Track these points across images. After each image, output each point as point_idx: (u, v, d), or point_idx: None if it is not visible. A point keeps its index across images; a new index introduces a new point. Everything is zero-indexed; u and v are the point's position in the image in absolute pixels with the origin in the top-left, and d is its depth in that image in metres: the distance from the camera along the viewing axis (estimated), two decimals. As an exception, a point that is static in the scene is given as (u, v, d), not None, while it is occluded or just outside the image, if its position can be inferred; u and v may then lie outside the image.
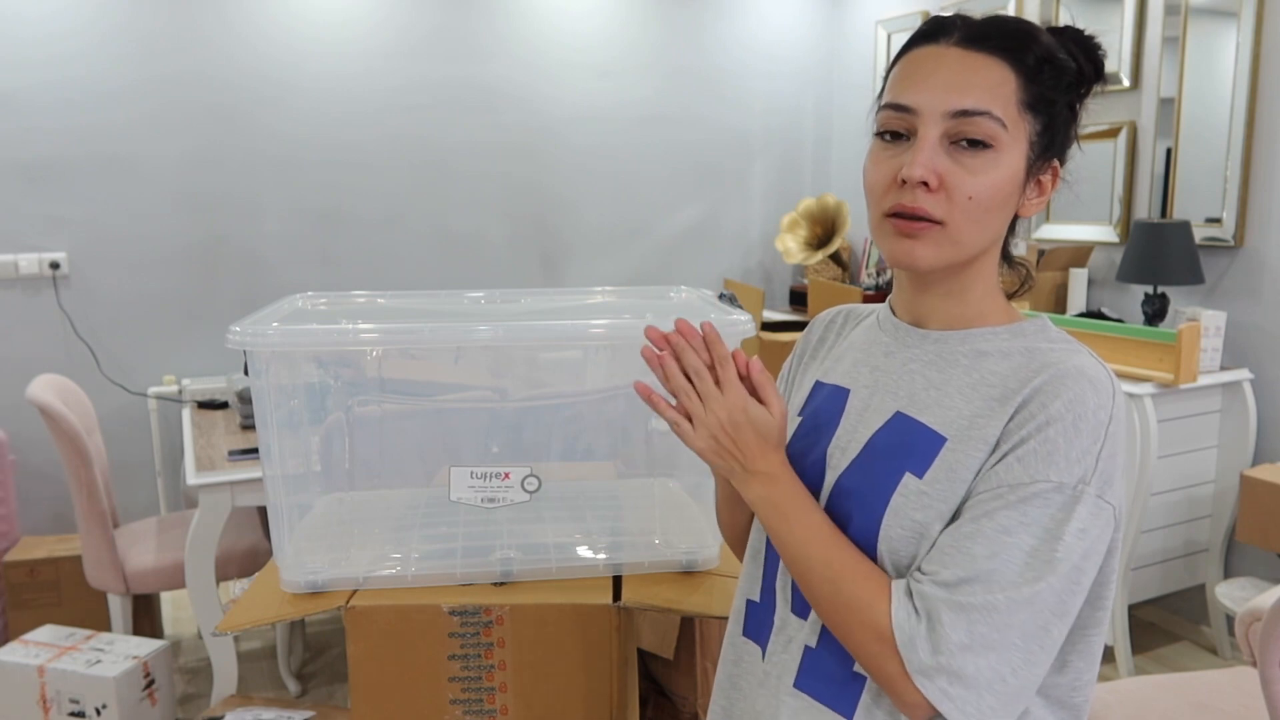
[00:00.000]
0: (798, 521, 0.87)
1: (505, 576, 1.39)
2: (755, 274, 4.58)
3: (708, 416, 0.88)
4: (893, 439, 0.90)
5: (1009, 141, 0.85)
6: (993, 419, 0.85)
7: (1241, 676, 2.00)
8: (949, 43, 0.87)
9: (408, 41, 3.80)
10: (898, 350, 0.96)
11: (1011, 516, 0.80)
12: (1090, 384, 0.83)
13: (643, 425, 1.48)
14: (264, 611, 1.33)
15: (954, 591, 0.79)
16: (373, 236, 3.86)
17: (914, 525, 0.85)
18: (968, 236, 0.87)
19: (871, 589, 0.83)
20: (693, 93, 4.31)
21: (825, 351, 1.07)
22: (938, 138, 0.85)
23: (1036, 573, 0.79)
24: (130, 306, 3.53)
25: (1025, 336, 0.91)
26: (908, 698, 0.81)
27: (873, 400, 0.94)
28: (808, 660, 0.92)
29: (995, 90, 0.85)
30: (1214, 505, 2.95)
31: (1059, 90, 0.88)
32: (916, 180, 0.84)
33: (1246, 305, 2.92)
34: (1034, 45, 0.87)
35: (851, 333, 1.05)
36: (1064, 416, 0.81)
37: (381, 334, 1.29)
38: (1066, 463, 0.80)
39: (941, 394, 0.90)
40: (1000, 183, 0.86)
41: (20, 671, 2.37)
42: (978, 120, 0.84)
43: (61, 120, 3.36)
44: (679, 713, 1.78)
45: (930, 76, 0.86)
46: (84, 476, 2.61)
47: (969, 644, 0.78)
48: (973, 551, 0.80)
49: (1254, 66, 2.82)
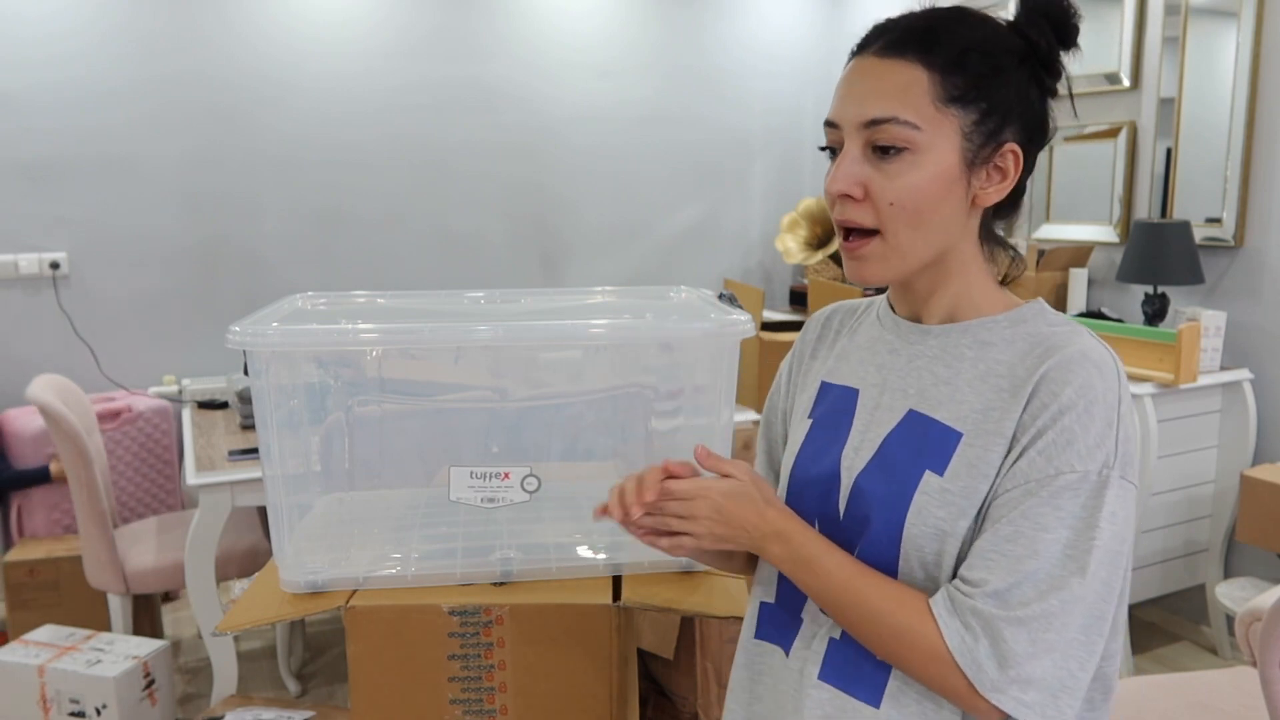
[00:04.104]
0: (822, 570, 0.89)
1: (505, 576, 1.39)
2: (755, 274, 4.58)
3: (696, 525, 0.91)
4: (908, 438, 0.90)
5: (928, 141, 0.86)
6: (1006, 411, 0.85)
7: (1241, 676, 2.00)
8: (870, 52, 0.89)
9: (408, 41, 3.80)
10: (902, 347, 0.96)
11: (1044, 511, 0.81)
12: (1096, 368, 0.83)
13: (643, 425, 1.48)
14: (264, 611, 1.33)
15: (1008, 605, 0.80)
16: (373, 236, 3.86)
17: (937, 523, 0.85)
18: (906, 241, 0.88)
19: (912, 613, 0.84)
20: (693, 93, 4.31)
21: (826, 350, 1.06)
22: (859, 149, 0.88)
23: (1080, 564, 0.80)
24: (130, 306, 3.53)
25: (1026, 322, 0.91)
26: (980, 709, 0.82)
27: (883, 399, 0.94)
28: (832, 652, 0.92)
29: (905, 93, 0.86)
30: (1214, 505, 2.95)
31: (999, 72, 0.87)
32: (837, 193, 0.88)
33: (1246, 305, 2.92)
34: (947, 39, 0.86)
35: (854, 330, 1.05)
36: (1076, 404, 0.82)
37: (381, 334, 1.29)
38: (1087, 450, 0.81)
39: (952, 389, 0.90)
40: (922, 183, 0.86)
41: (20, 671, 2.38)
42: (885, 127, 0.86)
43: (61, 120, 3.36)
44: (679, 713, 1.78)
45: (849, 90, 0.89)
46: (84, 476, 2.61)
47: (1034, 652, 0.80)
48: (1014, 554, 0.81)
49: (1254, 66, 2.82)
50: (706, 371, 1.42)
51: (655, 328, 1.36)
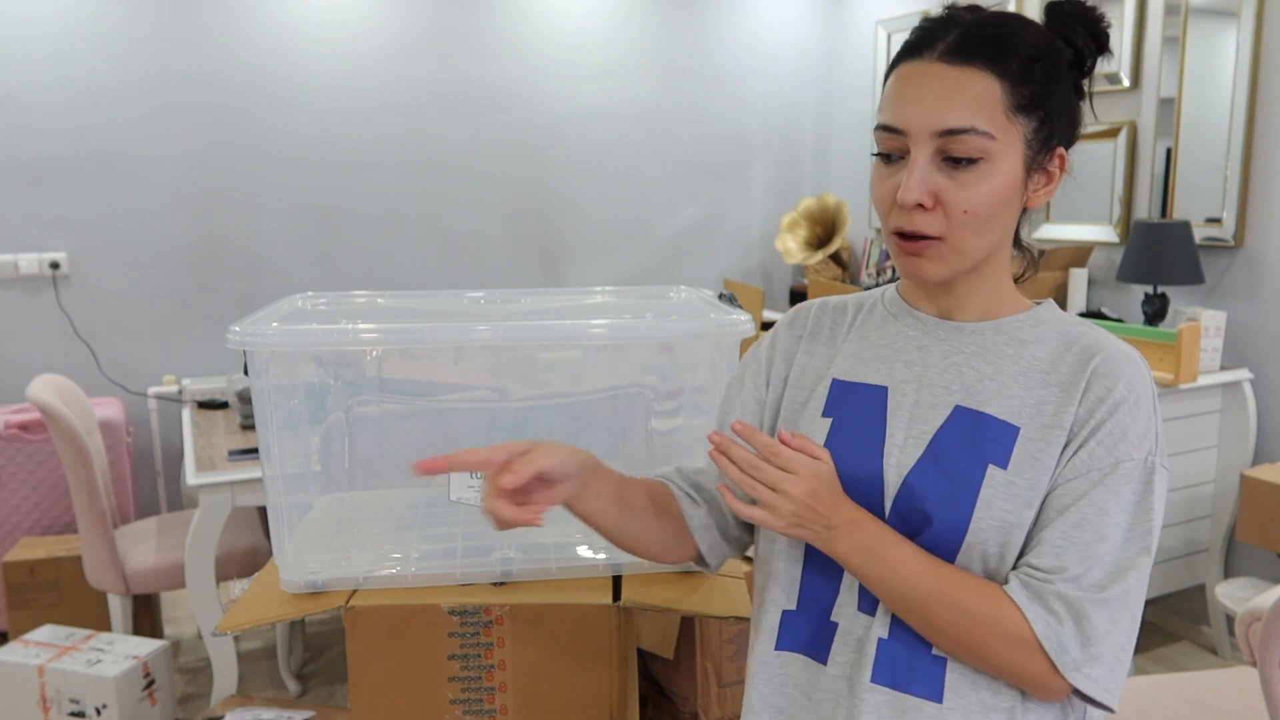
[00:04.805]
0: (895, 559, 0.88)
1: (505, 576, 1.39)
2: (755, 274, 4.58)
3: (784, 502, 0.87)
4: (961, 433, 0.90)
5: (1000, 150, 0.87)
6: (1064, 405, 0.89)
7: (1241, 676, 2.00)
8: (932, 57, 0.88)
9: (408, 42, 3.80)
10: (933, 344, 0.96)
11: (1105, 498, 0.86)
12: (1136, 365, 0.90)
13: (643, 425, 1.48)
14: (264, 611, 1.33)
15: (1087, 587, 0.84)
16: (373, 236, 3.86)
17: (1004, 516, 0.87)
18: (969, 245, 0.89)
19: (990, 600, 0.86)
20: (693, 93, 4.31)
21: (823, 347, 1.03)
22: (928, 157, 0.87)
23: (1143, 545, 0.86)
24: (130, 306, 3.53)
25: (1047, 321, 0.95)
26: (1055, 689, 0.85)
27: (922, 396, 0.94)
28: (882, 653, 0.90)
29: (980, 103, 0.86)
30: (1214, 505, 2.95)
31: (1055, 81, 0.89)
32: (910, 204, 0.87)
33: (1246, 305, 2.92)
34: (1018, 48, 0.87)
35: (861, 327, 1.02)
36: (1127, 398, 0.87)
37: (381, 334, 1.29)
38: (1139, 439, 0.87)
39: (999, 384, 0.91)
40: (995, 191, 0.87)
41: (20, 671, 2.37)
42: (964, 138, 0.85)
43: (61, 120, 3.36)
44: (679, 713, 1.78)
45: (916, 96, 0.87)
46: (84, 476, 2.61)
47: (1111, 630, 0.84)
48: (1083, 540, 0.85)
49: (1254, 66, 2.82)
50: (706, 371, 1.42)
51: (655, 328, 1.36)
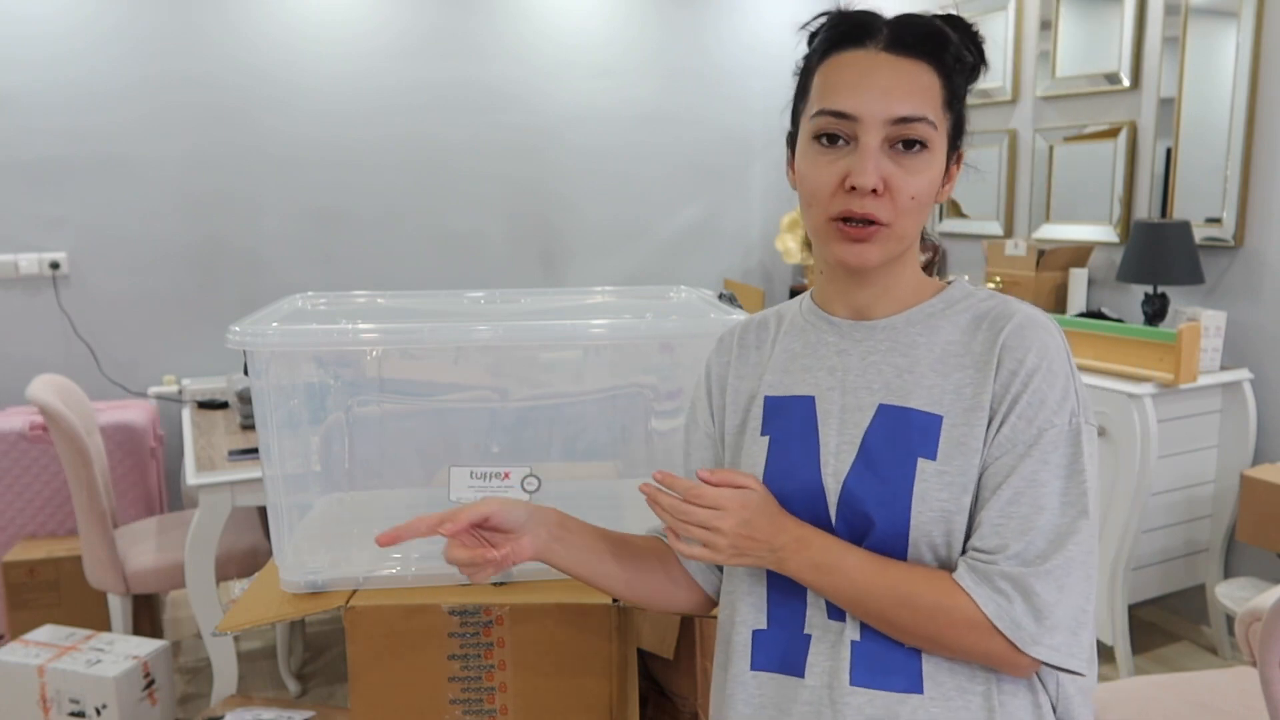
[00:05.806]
0: (845, 568, 0.90)
1: (505, 576, 1.39)
2: (755, 274, 4.58)
3: (716, 537, 0.90)
4: (888, 431, 0.92)
5: (938, 140, 0.91)
6: (980, 385, 0.90)
7: (1241, 676, 2.00)
8: (876, 48, 0.91)
9: (408, 41, 3.80)
10: (851, 347, 0.98)
11: (1035, 469, 0.87)
12: (1044, 329, 0.91)
13: (643, 425, 1.48)
14: (264, 611, 1.33)
15: (1030, 561, 0.85)
16: (373, 236, 3.86)
17: (941, 506, 0.88)
18: (909, 231, 0.93)
19: (941, 591, 0.87)
20: (693, 93, 4.31)
21: (750, 369, 1.05)
22: (879, 143, 0.89)
23: (1080, 508, 0.87)
24: (130, 306, 3.53)
25: (959, 301, 0.97)
26: (1021, 664, 0.87)
27: (847, 400, 0.95)
28: (857, 655, 0.92)
29: (926, 94, 0.90)
30: (1214, 505, 2.95)
31: (964, 84, 0.94)
32: (869, 188, 0.89)
33: (1246, 305, 2.92)
34: (949, 45, 0.92)
35: (777, 340, 1.04)
36: (1040, 366, 0.89)
37: (381, 334, 1.29)
38: (1058, 404, 0.88)
39: (916, 376, 0.93)
40: (934, 180, 0.92)
41: (20, 671, 2.37)
42: (915, 125, 0.89)
43: (61, 120, 3.36)
44: (679, 713, 1.78)
45: (866, 83, 0.90)
46: (84, 476, 2.61)
47: (1060, 598, 0.85)
48: (1020, 514, 0.86)
49: (1254, 66, 2.82)
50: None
51: (655, 328, 1.36)
